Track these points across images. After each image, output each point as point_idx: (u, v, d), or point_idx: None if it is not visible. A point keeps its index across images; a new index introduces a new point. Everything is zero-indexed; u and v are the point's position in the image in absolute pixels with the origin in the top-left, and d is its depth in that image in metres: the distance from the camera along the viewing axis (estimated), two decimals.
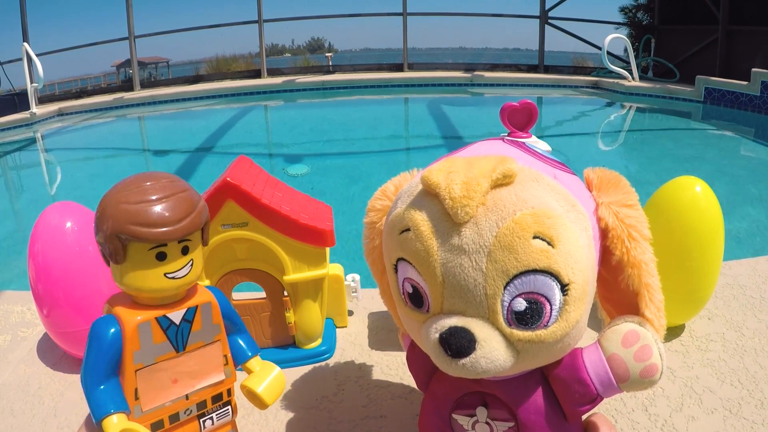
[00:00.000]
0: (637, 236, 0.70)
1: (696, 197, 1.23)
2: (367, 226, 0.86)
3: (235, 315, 0.89)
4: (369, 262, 0.89)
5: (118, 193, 0.74)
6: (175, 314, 0.79)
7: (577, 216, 0.66)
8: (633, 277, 0.70)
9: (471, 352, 0.64)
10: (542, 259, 0.62)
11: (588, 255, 0.66)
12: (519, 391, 0.74)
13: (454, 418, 0.78)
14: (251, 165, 1.31)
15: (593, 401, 0.72)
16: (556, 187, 0.67)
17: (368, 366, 1.26)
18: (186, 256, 0.77)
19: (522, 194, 0.64)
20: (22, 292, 1.67)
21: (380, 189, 0.85)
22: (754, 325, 1.36)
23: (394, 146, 5.04)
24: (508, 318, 0.64)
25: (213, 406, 0.86)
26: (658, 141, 5.04)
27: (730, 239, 1.35)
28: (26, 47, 6.24)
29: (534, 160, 0.72)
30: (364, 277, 1.49)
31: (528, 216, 0.63)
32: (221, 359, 0.85)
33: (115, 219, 0.72)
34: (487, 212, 0.64)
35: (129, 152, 5.22)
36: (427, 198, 0.68)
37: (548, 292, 0.63)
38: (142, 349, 0.77)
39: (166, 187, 0.75)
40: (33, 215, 1.28)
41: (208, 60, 12.01)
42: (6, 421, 1.12)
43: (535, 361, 0.69)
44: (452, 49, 32.76)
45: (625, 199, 0.72)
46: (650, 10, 8.56)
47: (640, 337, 0.70)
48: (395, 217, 0.71)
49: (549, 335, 0.65)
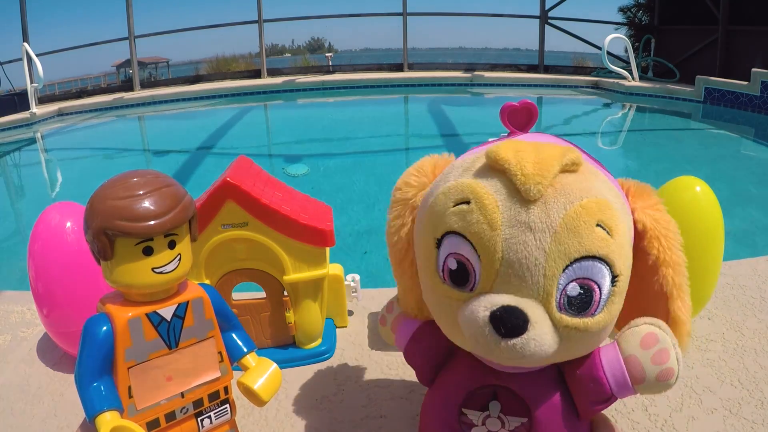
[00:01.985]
0: (672, 238, 0.73)
1: (696, 197, 1.23)
2: (399, 203, 0.82)
3: (228, 311, 0.88)
4: (392, 241, 0.84)
5: (104, 190, 0.75)
6: (166, 310, 0.79)
7: (627, 213, 0.70)
8: (667, 276, 0.72)
9: (524, 332, 0.64)
10: (603, 246, 0.64)
11: (630, 252, 0.69)
12: (534, 385, 0.74)
13: (464, 412, 0.77)
14: (251, 165, 1.31)
15: (607, 401, 0.72)
16: (610, 183, 0.71)
17: (368, 366, 1.26)
18: (173, 250, 0.76)
19: (586, 184, 0.67)
20: (22, 292, 1.67)
21: (415, 165, 0.83)
22: (754, 325, 1.36)
23: (394, 146, 5.04)
24: (560, 302, 0.65)
25: (210, 404, 0.85)
26: (658, 141, 5.03)
27: (730, 239, 1.35)
28: (26, 47, 6.25)
29: (585, 157, 0.74)
30: (364, 277, 1.49)
31: (593, 203, 0.65)
32: (216, 356, 0.84)
33: (101, 215, 0.72)
34: (556, 194, 0.65)
35: (129, 152, 5.22)
36: (491, 172, 0.68)
37: (601, 279, 0.65)
38: (133, 346, 0.76)
39: (150, 183, 0.75)
40: (33, 215, 1.28)
41: (208, 60, 12.02)
42: (6, 421, 1.12)
43: (573, 351, 0.70)
44: (452, 49, 32.76)
45: (657, 205, 0.75)
46: (650, 10, 8.56)
47: (659, 340, 0.70)
48: (451, 187, 0.70)
49: (594, 324, 0.66)
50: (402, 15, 8.74)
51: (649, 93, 6.66)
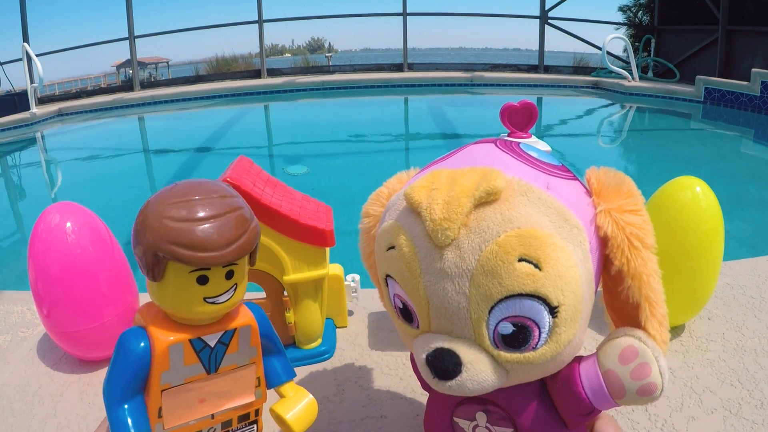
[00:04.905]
0: (639, 245, 0.65)
1: (696, 197, 1.23)
2: (362, 232, 0.83)
3: (274, 336, 0.83)
4: (366, 266, 0.87)
5: (161, 204, 0.67)
6: (211, 336, 0.73)
7: (571, 231, 0.62)
8: (633, 288, 0.66)
9: (456, 375, 0.63)
10: (528, 283, 0.59)
11: (583, 272, 0.62)
12: (518, 398, 0.73)
13: (455, 421, 0.78)
14: (251, 165, 1.30)
15: (589, 414, 0.71)
16: (547, 200, 0.63)
17: (368, 366, 1.26)
18: (230, 280, 0.70)
19: (507, 213, 0.61)
20: (22, 292, 1.67)
21: (374, 193, 0.82)
22: (754, 325, 1.36)
23: (394, 146, 5.04)
24: (495, 340, 0.63)
25: (238, 426, 0.82)
26: (658, 141, 5.04)
27: (730, 239, 1.35)
28: (26, 47, 6.25)
29: (526, 168, 0.67)
30: (364, 277, 1.49)
31: (513, 237, 0.59)
32: (253, 381, 0.80)
33: (155, 234, 0.65)
34: (469, 234, 0.60)
35: (129, 152, 5.22)
36: (411, 215, 0.65)
37: (536, 315, 0.60)
38: (171, 370, 0.71)
39: (216, 205, 0.68)
40: (33, 215, 1.28)
41: (208, 60, 12.01)
42: (6, 421, 1.12)
43: (528, 377, 0.68)
44: (452, 49, 32.76)
45: (628, 205, 0.66)
46: (650, 10, 8.57)
47: (638, 354, 0.65)
48: (382, 232, 0.70)
49: (538, 357, 0.63)
50: (402, 15, 8.75)
51: (649, 93, 6.67)
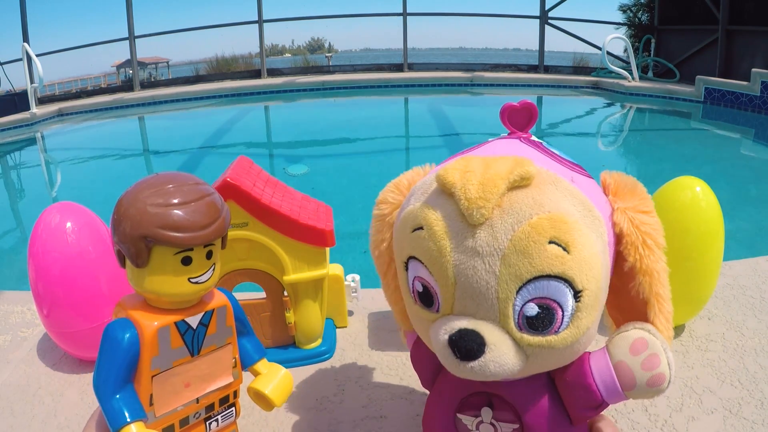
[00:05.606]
0: (652, 244, 0.68)
1: (696, 197, 1.23)
2: (377, 219, 0.83)
3: (244, 317, 0.88)
4: (375, 255, 0.86)
5: (140, 193, 0.72)
6: (193, 318, 0.78)
7: (593, 221, 0.65)
8: (644, 285, 0.69)
9: (480, 356, 0.64)
10: (557, 264, 0.61)
11: (603, 261, 0.65)
12: (525, 393, 0.73)
13: (458, 418, 0.78)
14: (251, 165, 1.30)
15: (598, 407, 0.72)
16: (573, 190, 0.66)
17: (368, 366, 1.26)
18: (209, 260, 0.76)
19: (539, 198, 0.63)
20: (22, 292, 1.67)
21: (393, 182, 0.83)
22: (754, 325, 1.36)
23: (394, 146, 5.04)
24: (519, 322, 0.64)
25: (219, 408, 0.86)
26: (658, 141, 5.04)
27: (730, 239, 1.35)
28: (26, 47, 6.25)
29: (551, 162, 0.71)
30: (364, 277, 1.49)
31: (544, 220, 0.62)
32: (231, 362, 0.85)
33: (140, 221, 0.70)
34: (503, 215, 0.63)
35: (129, 152, 5.22)
36: (442, 196, 0.67)
37: (561, 298, 0.62)
38: (160, 355, 0.75)
39: (192, 191, 0.73)
40: (33, 215, 1.28)
41: (208, 60, 12.00)
42: (6, 421, 1.12)
43: (545, 365, 0.69)
44: (452, 49, 32.78)
45: (641, 206, 0.70)
46: (650, 10, 8.57)
47: (648, 346, 0.68)
48: (408, 214, 0.71)
49: (559, 341, 0.65)
50: (402, 15, 8.75)
51: (649, 93, 6.67)
